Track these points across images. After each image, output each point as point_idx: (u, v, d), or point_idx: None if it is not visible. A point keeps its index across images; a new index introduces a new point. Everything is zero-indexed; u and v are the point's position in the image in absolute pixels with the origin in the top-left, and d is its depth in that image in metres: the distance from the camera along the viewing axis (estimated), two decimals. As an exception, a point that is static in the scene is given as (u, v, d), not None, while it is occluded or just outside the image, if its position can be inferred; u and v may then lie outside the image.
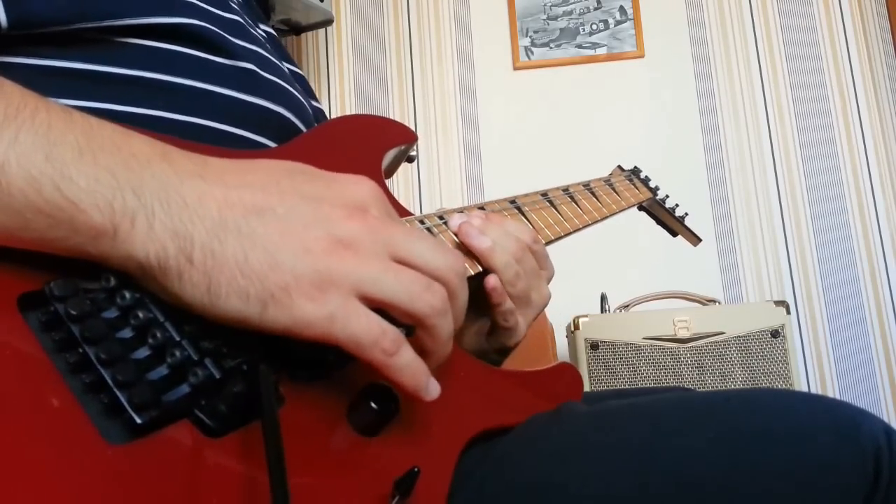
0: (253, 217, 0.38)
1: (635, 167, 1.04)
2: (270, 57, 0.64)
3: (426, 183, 2.48)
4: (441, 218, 0.64)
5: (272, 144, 0.59)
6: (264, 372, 0.37)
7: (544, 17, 2.53)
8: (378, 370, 0.40)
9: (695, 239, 1.12)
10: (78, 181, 0.35)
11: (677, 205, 1.09)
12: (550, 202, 0.78)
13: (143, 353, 0.37)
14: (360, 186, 0.43)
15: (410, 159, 0.73)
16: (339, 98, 2.54)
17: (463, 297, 0.45)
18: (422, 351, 0.42)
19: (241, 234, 0.38)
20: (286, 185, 0.41)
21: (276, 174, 0.41)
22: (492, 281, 0.61)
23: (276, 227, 0.38)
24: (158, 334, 0.37)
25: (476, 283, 0.60)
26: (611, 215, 0.87)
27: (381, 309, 0.40)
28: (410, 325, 0.42)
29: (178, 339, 0.38)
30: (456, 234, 0.61)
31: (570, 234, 0.77)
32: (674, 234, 1.13)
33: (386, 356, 0.39)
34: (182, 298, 0.37)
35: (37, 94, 0.38)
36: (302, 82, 0.70)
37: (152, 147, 0.39)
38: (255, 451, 0.37)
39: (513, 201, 0.73)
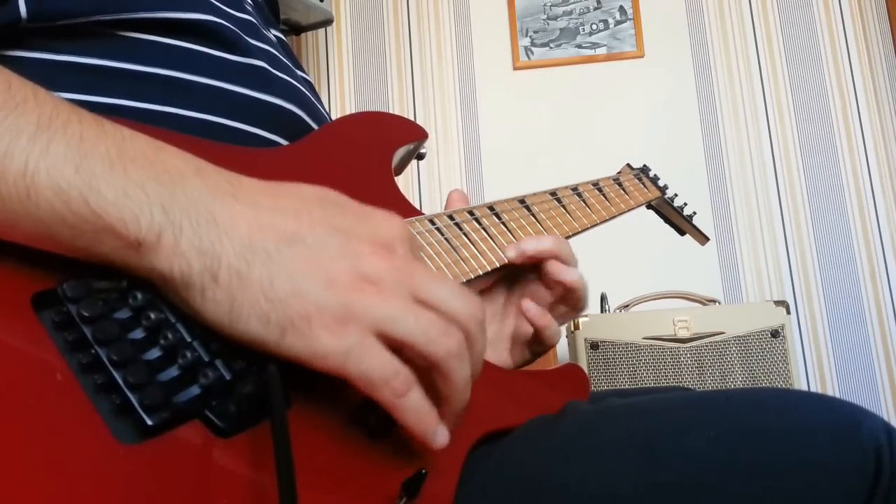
0: (283, 243, 0.38)
1: (644, 165, 1.03)
2: (281, 57, 0.64)
3: (426, 183, 2.48)
4: (451, 218, 0.64)
5: (284, 142, 0.59)
6: (273, 373, 0.38)
7: (544, 17, 2.53)
8: (387, 410, 0.40)
9: (703, 238, 1.13)
10: (106, 194, 0.35)
11: (685, 204, 1.09)
12: (559, 201, 0.78)
13: (154, 353, 0.37)
14: (389, 224, 0.43)
15: (421, 156, 0.73)
16: (339, 98, 2.55)
17: (481, 346, 0.44)
18: (437, 396, 0.42)
19: (270, 259, 0.38)
20: (318, 215, 0.41)
21: (309, 202, 0.41)
22: (572, 274, 0.65)
23: (304, 256, 0.39)
24: (170, 335, 0.38)
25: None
26: (619, 214, 0.87)
27: (396, 348, 0.40)
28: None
29: (189, 339, 0.38)
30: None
31: (578, 233, 0.77)
32: (682, 233, 1.13)
33: (395, 396, 0.39)
34: (202, 314, 0.38)
35: (70, 103, 0.38)
36: (311, 89, 0.70)
37: (185, 162, 0.39)
38: (264, 451, 0.38)
39: (522, 200, 0.73)
